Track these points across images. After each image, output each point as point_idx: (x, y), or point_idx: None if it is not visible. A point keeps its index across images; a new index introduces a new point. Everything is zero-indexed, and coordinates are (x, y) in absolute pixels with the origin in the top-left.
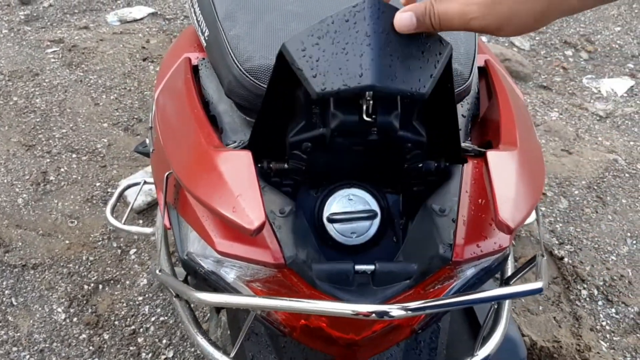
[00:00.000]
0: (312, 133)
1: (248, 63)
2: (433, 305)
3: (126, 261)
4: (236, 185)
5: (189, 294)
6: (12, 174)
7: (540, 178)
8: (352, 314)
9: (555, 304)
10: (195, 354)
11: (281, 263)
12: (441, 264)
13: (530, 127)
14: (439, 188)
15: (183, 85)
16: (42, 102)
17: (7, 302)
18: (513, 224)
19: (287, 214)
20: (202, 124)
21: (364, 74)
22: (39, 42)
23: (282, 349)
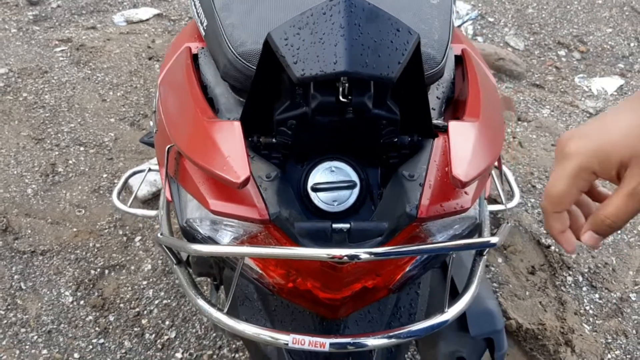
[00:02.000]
0: (296, 112)
1: (241, 48)
2: (395, 252)
3: (131, 248)
4: (226, 148)
5: (186, 247)
6: (22, 165)
7: (497, 146)
8: (328, 257)
9: (541, 289)
10: (196, 335)
11: (266, 219)
12: (408, 221)
13: (497, 106)
14: (411, 159)
15: (184, 71)
16: (51, 98)
17: (16, 286)
18: (465, 178)
19: (272, 178)
20: (199, 102)
21: (338, 61)
22: (48, 41)
23: (273, 311)
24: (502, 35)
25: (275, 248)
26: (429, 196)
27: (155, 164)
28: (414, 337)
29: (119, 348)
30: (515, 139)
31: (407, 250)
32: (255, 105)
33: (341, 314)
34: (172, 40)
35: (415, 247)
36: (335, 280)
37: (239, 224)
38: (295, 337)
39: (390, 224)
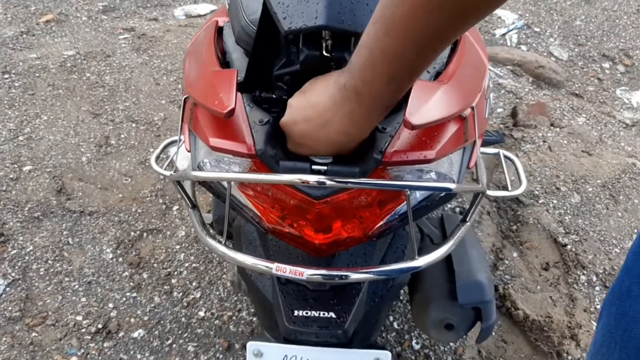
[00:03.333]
0: (291, 68)
1: (252, 16)
2: (353, 182)
3: (169, 215)
4: (221, 88)
5: (187, 174)
6: (79, 136)
7: (460, 105)
8: (299, 181)
9: (553, 285)
10: (219, 297)
11: (253, 153)
12: (374, 165)
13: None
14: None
15: (207, 38)
16: (110, 79)
17: (65, 241)
18: (415, 121)
19: (264, 123)
20: (211, 59)
21: (319, 17)
22: (113, 29)
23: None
24: (547, 45)
25: (256, 174)
26: (395, 145)
27: None
28: (387, 276)
29: (149, 302)
30: (545, 142)
31: (364, 182)
32: (257, 63)
33: (325, 253)
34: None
35: (372, 180)
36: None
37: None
38: (279, 266)
39: (360, 167)
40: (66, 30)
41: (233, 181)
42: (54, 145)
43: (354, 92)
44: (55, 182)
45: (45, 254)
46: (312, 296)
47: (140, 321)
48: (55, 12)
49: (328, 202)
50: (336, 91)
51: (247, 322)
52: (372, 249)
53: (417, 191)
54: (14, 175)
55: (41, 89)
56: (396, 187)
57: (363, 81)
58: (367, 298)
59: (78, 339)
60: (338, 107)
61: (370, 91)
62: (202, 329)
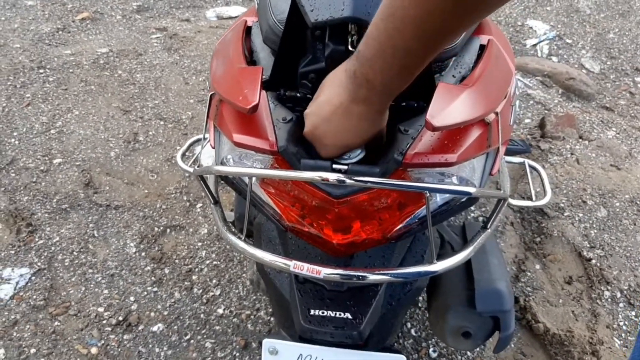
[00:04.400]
0: (316, 65)
1: (280, 16)
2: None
3: (192, 212)
4: (246, 85)
5: (210, 169)
6: (109, 131)
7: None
8: (319, 179)
9: (576, 299)
10: (238, 295)
11: (275, 150)
12: (395, 166)
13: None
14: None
15: (235, 37)
16: (141, 77)
17: (90, 234)
18: (437, 123)
19: (287, 120)
20: (238, 57)
21: (345, 8)
22: (146, 28)
23: (290, 254)
24: (578, 57)
25: (277, 170)
26: (416, 147)
27: None
28: (403, 279)
29: (170, 297)
30: (573, 155)
31: (383, 182)
32: (283, 61)
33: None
34: None
35: (392, 181)
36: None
37: (260, 160)
38: (296, 263)
39: (381, 168)
40: (101, 28)
41: (254, 177)
42: (83, 140)
43: (365, 79)
44: (83, 176)
45: (71, 245)
46: (329, 296)
47: (160, 315)
48: (91, 10)
49: (348, 201)
50: (347, 80)
51: (265, 321)
52: (390, 251)
53: (438, 195)
54: (44, 168)
55: (74, 85)
56: (415, 189)
57: (374, 70)
58: (384, 301)
59: (99, 330)
60: (352, 95)
61: (381, 79)
62: (220, 326)
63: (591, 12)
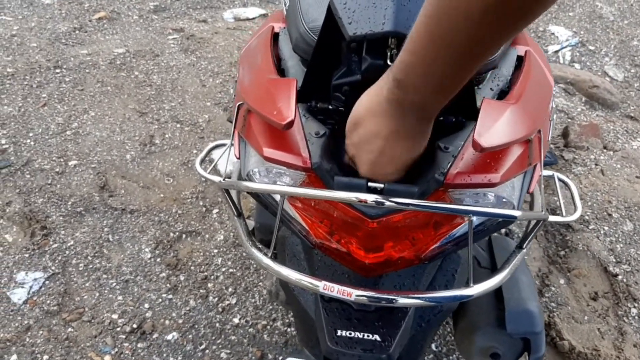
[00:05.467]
0: (350, 78)
1: (312, 24)
2: (415, 204)
3: (208, 218)
4: (279, 97)
5: (239, 185)
6: (125, 134)
7: (530, 127)
8: (356, 200)
9: (601, 316)
10: (254, 304)
11: (308, 167)
12: (435, 186)
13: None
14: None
15: (262, 44)
16: (158, 79)
17: (105, 238)
18: (485, 143)
19: (321, 135)
20: (268, 66)
21: (386, 22)
22: (163, 29)
23: (316, 270)
24: (602, 64)
25: (311, 189)
26: (458, 166)
27: None
28: (439, 303)
29: (184, 305)
30: (597, 166)
31: (427, 205)
32: (316, 71)
33: (373, 274)
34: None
35: (435, 204)
36: (369, 236)
37: (290, 176)
38: (326, 284)
39: (419, 187)
40: (117, 28)
41: (286, 195)
42: (99, 142)
43: (414, 107)
44: (99, 179)
45: (85, 250)
46: (356, 316)
47: (174, 324)
48: (108, 9)
49: (382, 221)
50: (393, 109)
51: (282, 332)
52: (421, 270)
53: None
54: (59, 169)
55: (90, 85)
56: (459, 212)
57: (422, 97)
58: (413, 322)
59: (113, 338)
60: (401, 123)
61: (432, 103)
62: (235, 336)
63: (614, 18)
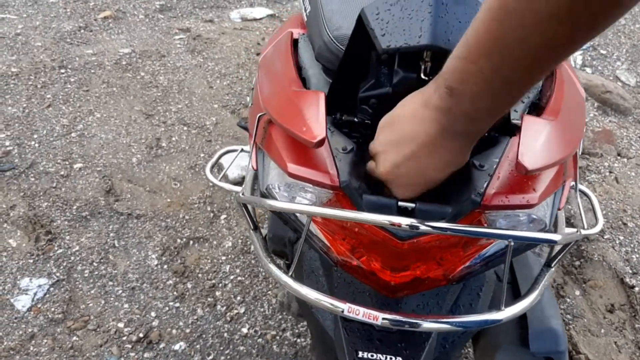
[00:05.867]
0: (379, 91)
1: (337, 32)
2: (453, 228)
3: (216, 224)
4: (308, 113)
5: (262, 202)
6: (131, 136)
7: (571, 145)
8: (388, 223)
9: (618, 329)
10: (263, 314)
11: (336, 185)
12: (471, 207)
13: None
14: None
15: (282, 51)
16: (164, 80)
17: (111, 243)
18: (530, 166)
19: (348, 151)
20: (291, 76)
21: (423, 35)
22: (169, 29)
23: (335, 287)
24: (613, 69)
25: (340, 210)
26: (495, 186)
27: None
28: (467, 328)
29: (192, 314)
30: (611, 173)
31: (465, 230)
32: (342, 82)
33: (398, 294)
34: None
35: (474, 228)
36: (396, 256)
37: (313, 192)
38: (351, 307)
39: (453, 208)
40: (123, 27)
41: (314, 216)
42: (105, 144)
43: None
44: (104, 182)
45: (91, 256)
46: (378, 336)
47: (182, 333)
48: (114, 8)
49: (412, 243)
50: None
51: (291, 343)
52: (445, 289)
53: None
54: (64, 173)
55: (95, 86)
56: (500, 237)
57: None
58: (437, 344)
59: (118, 347)
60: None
61: (488, 113)
62: (244, 346)
63: (626, 22)
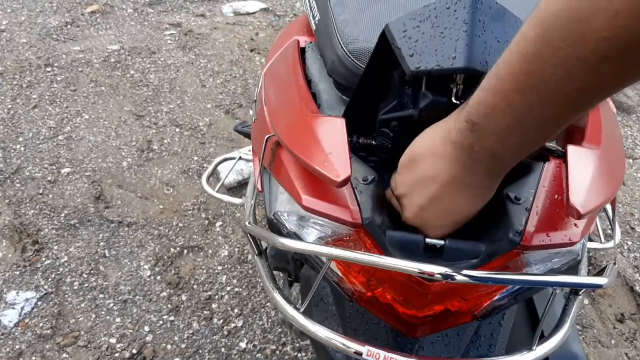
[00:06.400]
0: (402, 113)
1: (352, 45)
2: (494, 278)
3: (211, 232)
4: (329, 144)
5: (274, 239)
6: (121, 139)
7: (618, 177)
8: (418, 272)
9: (629, 340)
10: (262, 327)
11: (358, 223)
12: (509, 247)
13: (617, 132)
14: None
15: (290, 63)
16: (155, 78)
17: (101, 253)
18: (583, 209)
19: (369, 182)
20: (304, 95)
21: (457, 57)
22: (159, 24)
23: (347, 318)
24: None
25: (364, 254)
26: (535, 223)
27: (246, 153)
28: None
29: (187, 328)
30: None
31: (508, 279)
32: (360, 102)
33: (419, 334)
34: (280, 32)
35: (517, 276)
36: (419, 296)
37: (327, 224)
38: (371, 350)
39: (488, 246)
40: (111, 22)
41: (335, 258)
42: (94, 147)
43: (490, 153)
44: (94, 188)
45: (80, 267)
46: None
47: (177, 348)
48: (101, 2)
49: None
50: (459, 153)
51: (292, 357)
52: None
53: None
54: (51, 178)
55: (83, 85)
56: (546, 285)
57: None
58: None
59: None
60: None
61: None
62: None
63: None
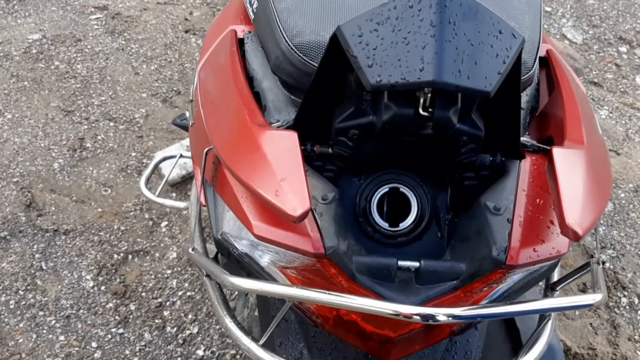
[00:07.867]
0: (361, 120)
1: (297, 38)
2: (482, 314)
3: (157, 233)
4: (280, 167)
5: (222, 278)
6: (49, 138)
7: (607, 179)
8: (393, 314)
9: (592, 309)
10: (219, 332)
11: (321, 253)
12: (493, 267)
13: (594, 122)
14: (493, 184)
15: (228, 59)
16: (83, 68)
17: (37, 266)
18: (581, 229)
19: (329, 201)
20: (246, 101)
21: (425, 68)
22: (83, 7)
23: (312, 338)
24: (559, 26)
25: (330, 294)
26: (519, 237)
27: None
28: None
29: (139, 340)
30: None
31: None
32: (312, 109)
33: (392, 357)
34: (214, 19)
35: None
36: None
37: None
38: None
39: (468, 266)
40: (30, 9)
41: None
42: (20, 150)
43: None
44: (23, 195)
45: (15, 283)
46: None
47: None
48: None
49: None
50: None
51: None
52: None
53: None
54: None
55: (3, 81)
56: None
57: None
58: None
59: None
60: None
61: None
62: None
63: None
